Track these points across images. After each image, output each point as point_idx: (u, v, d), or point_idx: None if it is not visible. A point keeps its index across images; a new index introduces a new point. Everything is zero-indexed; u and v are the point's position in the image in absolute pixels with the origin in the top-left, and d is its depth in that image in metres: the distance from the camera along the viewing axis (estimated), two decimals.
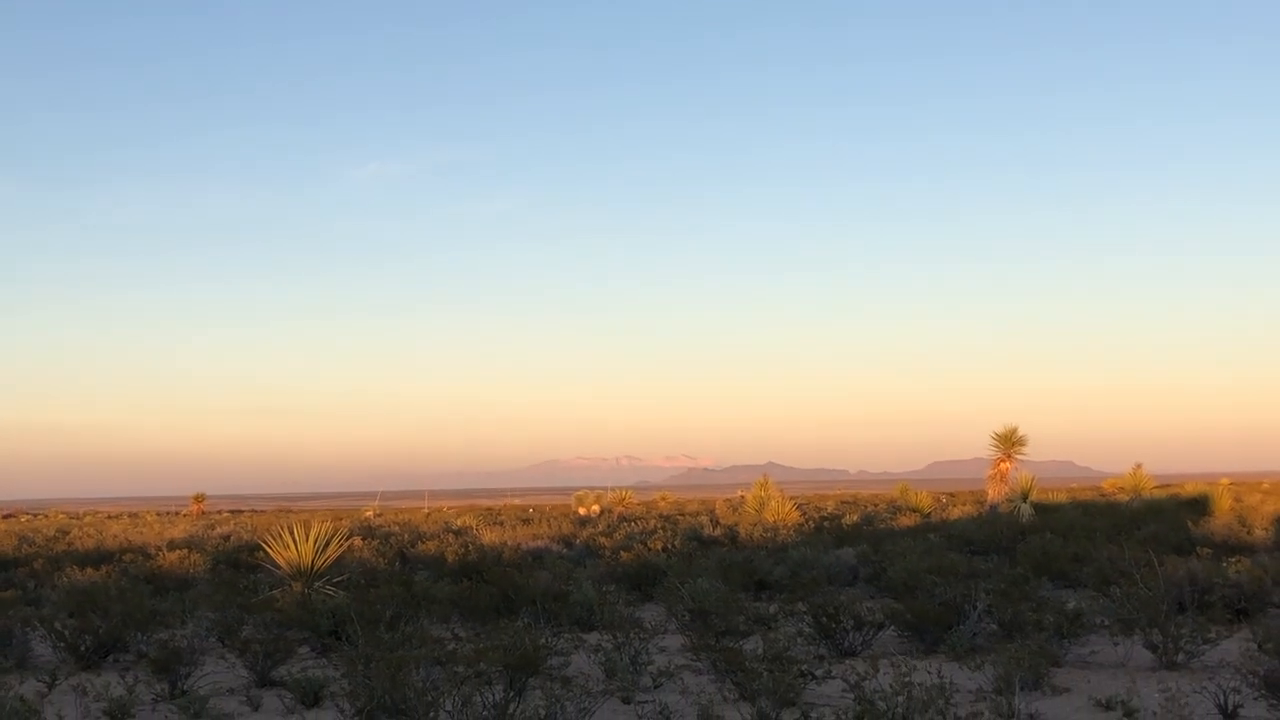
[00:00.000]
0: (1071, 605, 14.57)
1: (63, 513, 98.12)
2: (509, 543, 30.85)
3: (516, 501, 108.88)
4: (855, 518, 39.59)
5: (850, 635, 14.50)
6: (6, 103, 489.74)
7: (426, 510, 71.93)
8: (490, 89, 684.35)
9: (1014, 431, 41.49)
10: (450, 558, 26.41)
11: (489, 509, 70.48)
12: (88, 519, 74.33)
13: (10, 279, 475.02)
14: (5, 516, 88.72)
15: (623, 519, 44.75)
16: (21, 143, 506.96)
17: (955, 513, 41.21)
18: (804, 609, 15.38)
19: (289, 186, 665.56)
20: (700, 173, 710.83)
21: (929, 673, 10.44)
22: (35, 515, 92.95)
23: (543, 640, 12.66)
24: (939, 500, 54.07)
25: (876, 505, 53.36)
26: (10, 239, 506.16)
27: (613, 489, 65.67)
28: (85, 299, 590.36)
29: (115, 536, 41.11)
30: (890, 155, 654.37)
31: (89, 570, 25.07)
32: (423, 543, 31.57)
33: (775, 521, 35.19)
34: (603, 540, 31.65)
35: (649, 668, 13.04)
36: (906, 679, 9.51)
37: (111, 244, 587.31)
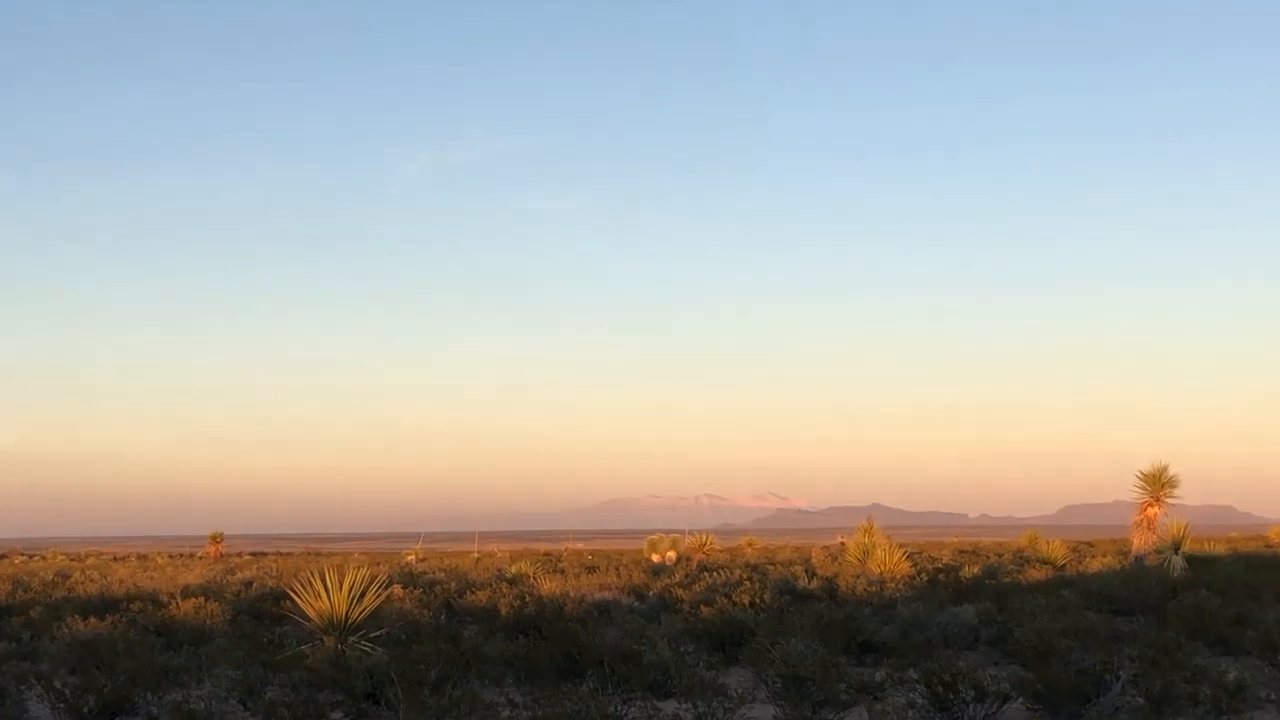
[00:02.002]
0: (1232, 675, 14.38)
1: (62, 553, 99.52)
2: (571, 593, 30.93)
3: (579, 545, 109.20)
4: (976, 570, 39.33)
5: (970, 707, 14.43)
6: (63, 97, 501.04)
7: (476, 555, 72.37)
8: (550, 79, 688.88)
9: (1164, 471, 41.01)
10: (504, 610, 26.53)
11: (548, 554, 70.70)
12: (90, 561, 75.52)
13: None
14: None
15: (703, 568, 44.69)
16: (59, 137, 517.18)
17: (1094, 565, 40.80)
18: (916, 676, 15.32)
19: (331, 188, 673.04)
20: (783, 187, 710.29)
21: None
22: (31, 556, 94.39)
23: (611, 708, 12.71)
24: (1074, 550, 53.55)
25: (1000, 555, 53.00)
26: (7, 238, 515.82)
27: (691, 532, 65.53)
28: (86, 304, 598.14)
29: (122, 581, 41.73)
30: (1014, 165, 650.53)
31: (92, 620, 25.43)
32: (472, 592, 31.75)
33: (881, 573, 35.03)
34: (680, 592, 31.64)
35: None
36: None
37: (112, 243, 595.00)
